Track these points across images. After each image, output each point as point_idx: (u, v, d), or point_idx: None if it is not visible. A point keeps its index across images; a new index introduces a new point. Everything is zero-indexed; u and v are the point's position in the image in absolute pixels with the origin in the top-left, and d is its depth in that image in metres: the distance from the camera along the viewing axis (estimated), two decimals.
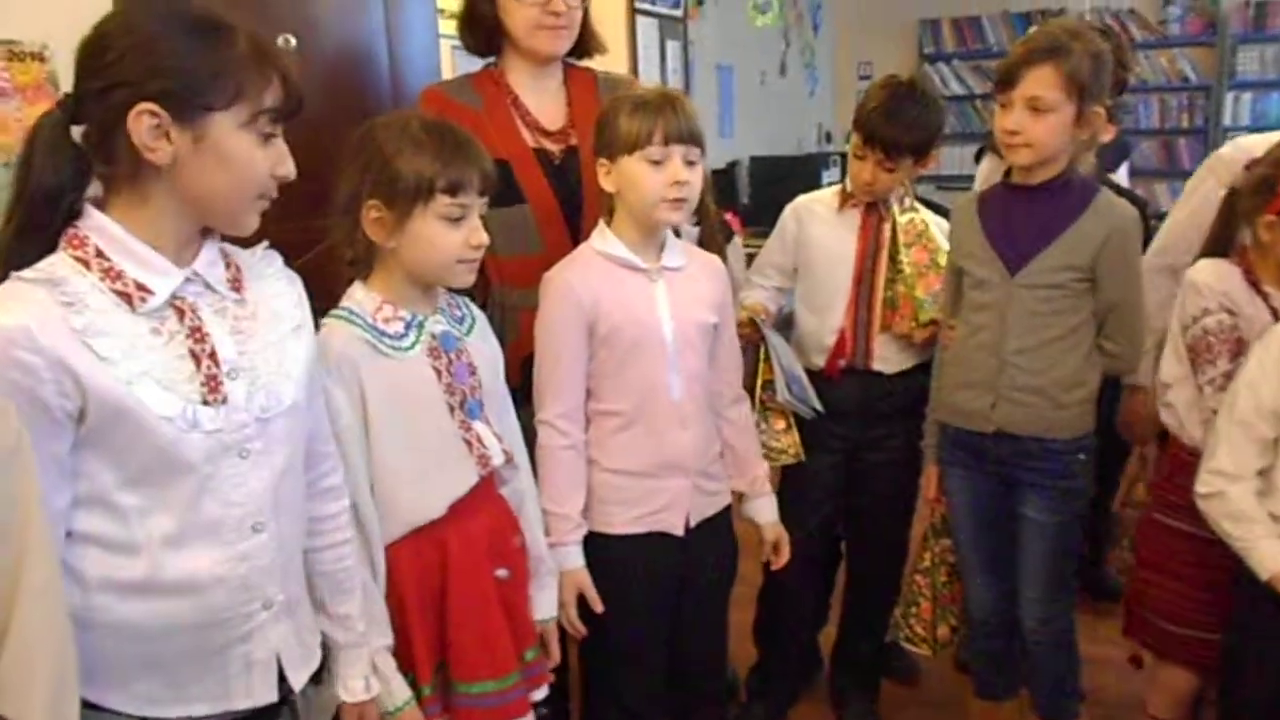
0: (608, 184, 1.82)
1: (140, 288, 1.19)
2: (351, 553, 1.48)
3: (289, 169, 1.28)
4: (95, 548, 1.20)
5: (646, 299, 1.84)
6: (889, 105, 2.22)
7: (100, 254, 1.19)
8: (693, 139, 1.78)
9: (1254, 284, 1.93)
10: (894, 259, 2.31)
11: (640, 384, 1.83)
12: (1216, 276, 1.96)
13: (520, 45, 2.05)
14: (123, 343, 1.17)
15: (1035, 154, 1.96)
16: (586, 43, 2.13)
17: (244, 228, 1.29)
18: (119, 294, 1.18)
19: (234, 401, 1.24)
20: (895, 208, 2.32)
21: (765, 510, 2.07)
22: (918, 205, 2.38)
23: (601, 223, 1.87)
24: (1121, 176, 3.35)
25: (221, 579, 1.25)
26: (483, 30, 2.08)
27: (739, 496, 2.06)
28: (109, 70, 1.16)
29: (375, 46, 2.86)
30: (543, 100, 2.11)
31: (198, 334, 1.23)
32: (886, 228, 2.33)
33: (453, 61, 3.04)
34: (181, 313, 1.23)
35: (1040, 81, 1.92)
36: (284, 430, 1.30)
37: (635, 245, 1.84)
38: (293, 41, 2.55)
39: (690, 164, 1.78)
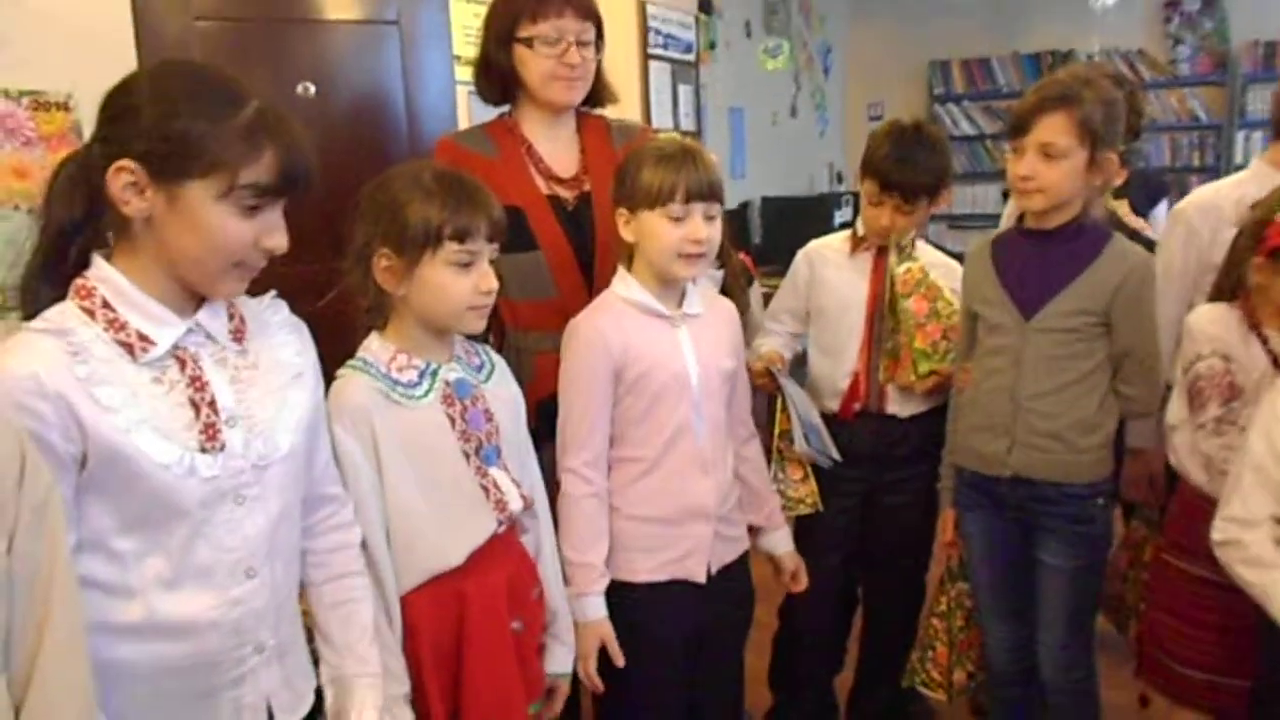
0: (627, 234, 1.83)
1: (143, 338, 1.22)
2: (360, 584, 1.49)
3: (277, 242, 1.27)
4: (93, 591, 1.20)
5: (672, 345, 1.84)
6: (899, 151, 2.23)
7: (106, 304, 1.22)
8: (713, 195, 1.79)
9: (1254, 327, 1.92)
10: (893, 310, 2.30)
11: (665, 430, 1.83)
12: (1211, 321, 1.96)
13: (535, 95, 2.07)
14: (124, 391, 1.20)
15: (1048, 199, 1.97)
16: (600, 93, 2.16)
17: (220, 293, 1.29)
18: (122, 344, 1.21)
19: (231, 449, 1.26)
20: (892, 257, 2.29)
21: (782, 541, 2.08)
22: (916, 255, 2.34)
23: (622, 269, 1.87)
24: (1160, 215, 3.32)
25: (215, 623, 1.26)
26: (498, 79, 2.10)
27: (754, 532, 2.05)
28: (110, 124, 1.22)
29: (393, 93, 2.90)
30: (556, 148, 2.13)
31: (198, 383, 1.25)
32: None
33: (469, 107, 3.07)
34: (183, 362, 1.25)
35: (1052, 128, 1.93)
36: (280, 477, 1.32)
37: (656, 292, 1.84)
38: (312, 89, 2.60)
39: (710, 219, 1.79)
